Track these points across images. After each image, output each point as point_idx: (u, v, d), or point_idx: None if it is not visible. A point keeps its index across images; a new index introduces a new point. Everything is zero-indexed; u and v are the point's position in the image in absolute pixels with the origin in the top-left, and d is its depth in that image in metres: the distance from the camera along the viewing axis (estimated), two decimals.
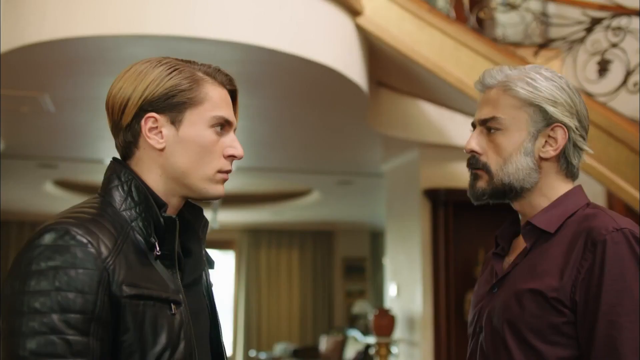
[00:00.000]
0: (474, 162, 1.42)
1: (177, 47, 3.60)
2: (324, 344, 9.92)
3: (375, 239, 11.92)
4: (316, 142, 5.89)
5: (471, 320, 1.45)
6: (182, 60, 1.26)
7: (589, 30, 3.63)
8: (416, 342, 5.57)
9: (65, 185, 8.39)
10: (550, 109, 1.36)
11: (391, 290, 6.23)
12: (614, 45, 3.48)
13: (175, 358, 1.12)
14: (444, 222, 5.48)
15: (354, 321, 11.27)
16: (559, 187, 1.40)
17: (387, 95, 5.18)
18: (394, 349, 5.80)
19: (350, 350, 9.12)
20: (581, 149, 1.40)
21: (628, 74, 3.42)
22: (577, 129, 1.37)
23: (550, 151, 1.37)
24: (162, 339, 1.11)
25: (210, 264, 1.35)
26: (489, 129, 1.40)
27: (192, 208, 1.32)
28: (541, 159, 1.38)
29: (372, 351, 5.90)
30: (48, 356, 1.01)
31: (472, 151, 1.41)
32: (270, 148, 6.15)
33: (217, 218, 9.21)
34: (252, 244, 12.14)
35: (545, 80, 1.37)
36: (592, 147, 3.33)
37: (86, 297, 1.05)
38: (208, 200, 1.28)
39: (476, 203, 1.45)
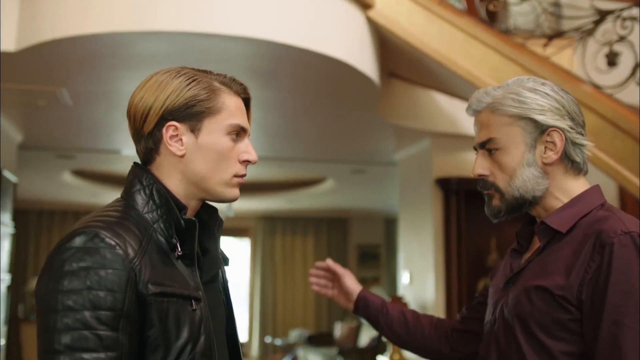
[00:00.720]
0: (484, 185, 1.49)
1: (190, 43, 3.66)
2: (339, 330, 10.03)
3: (390, 226, 11.98)
4: (330, 132, 5.96)
5: (488, 312, 1.52)
6: (199, 71, 1.33)
7: (598, 22, 3.65)
8: None
9: (83, 174, 8.53)
10: (540, 117, 1.41)
11: (404, 277, 6.30)
12: (622, 38, 3.50)
13: (196, 351, 1.20)
14: (455, 211, 5.54)
15: None
16: (571, 186, 1.45)
17: (399, 86, 5.22)
18: None
19: (365, 337, 9.21)
20: (581, 145, 1.44)
21: (636, 66, 3.44)
22: (571, 128, 1.42)
23: (552, 155, 1.42)
24: (185, 333, 1.19)
25: (226, 261, 1.42)
26: (489, 150, 1.46)
27: (208, 208, 1.40)
28: (545, 164, 1.43)
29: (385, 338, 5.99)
30: (82, 350, 1.09)
31: (480, 175, 1.48)
32: (284, 138, 6.22)
33: (233, 206, 9.31)
34: (267, 231, 12.24)
35: (529, 91, 1.43)
36: (599, 139, 3.38)
37: (115, 296, 1.12)
38: (225, 202, 1.35)
39: (496, 221, 1.51)
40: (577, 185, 1.45)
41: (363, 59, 4.04)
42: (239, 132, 1.33)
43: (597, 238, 1.32)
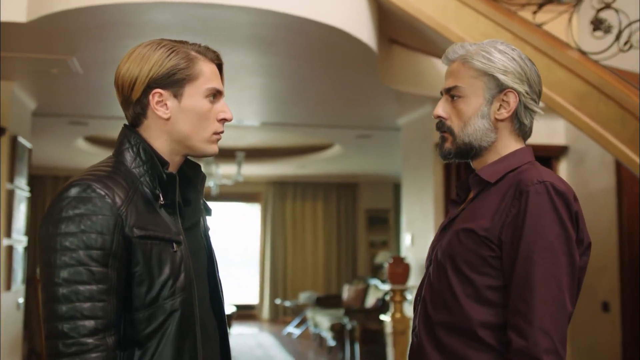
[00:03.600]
0: (441, 126, 1.66)
1: (193, 13, 3.82)
2: (346, 292, 10.28)
3: (399, 191, 12.09)
4: (332, 98, 6.09)
5: (427, 256, 1.71)
6: (176, 42, 1.51)
7: None
8: None
9: (96, 141, 8.74)
10: (502, 77, 1.58)
11: (406, 240, 6.49)
12: (607, 5, 3.59)
13: (177, 286, 1.40)
14: (455, 175, 5.69)
15: (376, 271, 11.59)
16: (512, 145, 1.62)
17: (400, 52, 5.34)
18: (409, 296, 6.08)
19: (371, 298, 9.45)
20: (532, 111, 1.62)
21: (620, 32, 3.54)
22: (527, 93, 1.59)
23: (504, 113, 1.60)
24: (166, 270, 1.39)
25: (208, 211, 1.62)
26: (452, 97, 1.63)
27: (192, 166, 1.59)
28: (496, 120, 1.61)
29: (388, 298, 6.19)
30: (76, 283, 1.30)
31: (439, 116, 1.65)
32: (288, 103, 6.37)
33: (242, 172, 9.51)
34: (277, 196, 12.46)
35: (498, 53, 1.60)
36: (585, 104, 3.49)
37: (105, 237, 1.32)
38: (206, 157, 1.54)
39: (445, 162, 1.70)
40: (516, 146, 1.63)
41: (361, 26, 4.17)
42: (215, 95, 1.52)
43: (516, 187, 1.50)
